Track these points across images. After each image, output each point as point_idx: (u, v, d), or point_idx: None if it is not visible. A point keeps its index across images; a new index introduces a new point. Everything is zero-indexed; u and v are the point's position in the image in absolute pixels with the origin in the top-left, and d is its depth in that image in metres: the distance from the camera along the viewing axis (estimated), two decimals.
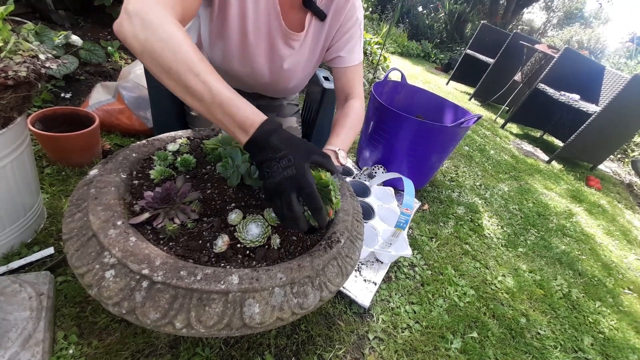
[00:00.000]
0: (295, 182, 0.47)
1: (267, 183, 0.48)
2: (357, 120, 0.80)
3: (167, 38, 0.46)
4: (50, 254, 0.82)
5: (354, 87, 0.83)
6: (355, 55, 0.81)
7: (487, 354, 0.97)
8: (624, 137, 2.96)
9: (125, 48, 1.91)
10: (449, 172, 2.02)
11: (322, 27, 0.77)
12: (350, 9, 0.75)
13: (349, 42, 0.79)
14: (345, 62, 0.80)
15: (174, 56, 0.46)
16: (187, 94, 0.48)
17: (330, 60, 0.82)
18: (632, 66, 4.49)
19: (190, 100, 0.49)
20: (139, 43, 0.46)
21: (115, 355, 0.69)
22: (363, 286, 1.02)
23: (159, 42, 0.45)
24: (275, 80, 0.84)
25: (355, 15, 0.77)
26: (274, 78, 0.83)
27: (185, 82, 0.47)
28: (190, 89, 0.47)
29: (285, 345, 0.82)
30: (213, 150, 0.72)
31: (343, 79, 0.83)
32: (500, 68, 3.62)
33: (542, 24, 11.29)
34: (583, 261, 1.60)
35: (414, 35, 7.31)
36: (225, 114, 0.49)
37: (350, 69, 0.81)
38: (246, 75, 0.81)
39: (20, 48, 0.70)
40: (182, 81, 0.47)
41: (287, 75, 0.83)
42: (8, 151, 0.70)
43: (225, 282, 0.45)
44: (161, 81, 0.49)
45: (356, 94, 0.83)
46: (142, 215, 0.53)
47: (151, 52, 0.46)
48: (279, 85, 0.87)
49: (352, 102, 0.82)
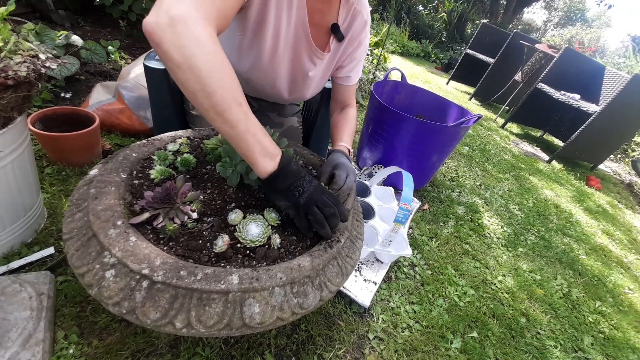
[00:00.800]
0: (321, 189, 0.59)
1: (303, 199, 0.56)
2: (355, 125, 0.93)
3: (217, 62, 0.45)
4: (50, 253, 0.82)
5: (351, 98, 0.95)
6: (358, 75, 0.93)
7: (487, 354, 0.97)
8: (624, 137, 2.96)
9: (126, 48, 1.92)
10: (449, 172, 2.02)
11: (339, 48, 0.85)
12: (363, 37, 0.85)
13: (357, 65, 0.90)
14: (351, 81, 0.91)
15: (222, 83, 0.45)
16: (221, 117, 0.48)
17: (339, 78, 0.91)
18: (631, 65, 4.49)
19: (221, 122, 0.48)
20: (181, 55, 0.43)
21: (115, 355, 0.69)
22: (363, 286, 1.02)
23: (209, 63, 0.44)
24: (291, 91, 0.91)
25: (365, 43, 0.87)
26: (290, 89, 0.90)
27: (226, 108, 0.47)
28: (229, 115, 0.47)
29: (285, 345, 0.82)
30: (213, 150, 0.72)
31: (346, 93, 0.93)
32: (501, 68, 3.61)
33: (542, 23, 11.28)
34: (583, 261, 1.60)
35: (414, 35, 7.31)
36: (257, 142, 0.52)
37: (353, 86, 0.93)
38: (267, 85, 0.86)
39: (20, 48, 0.70)
40: (222, 106, 0.47)
41: (303, 88, 0.90)
42: (8, 151, 0.70)
43: (225, 282, 0.45)
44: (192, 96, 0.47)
45: (352, 104, 0.96)
46: (142, 215, 0.53)
47: (196, 70, 0.44)
48: (293, 95, 0.93)
49: (350, 110, 0.94)
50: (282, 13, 0.69)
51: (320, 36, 0.79)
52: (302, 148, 0.91)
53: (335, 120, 0.93)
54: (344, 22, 0.79)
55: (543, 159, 2.87)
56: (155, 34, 0.44)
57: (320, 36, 0.79)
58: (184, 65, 0.44)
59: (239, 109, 0.48)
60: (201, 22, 0.45)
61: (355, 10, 0.79)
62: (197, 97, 0.47)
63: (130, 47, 2.00)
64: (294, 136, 1.13)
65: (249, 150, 0.52)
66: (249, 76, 0.84)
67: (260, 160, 0.53)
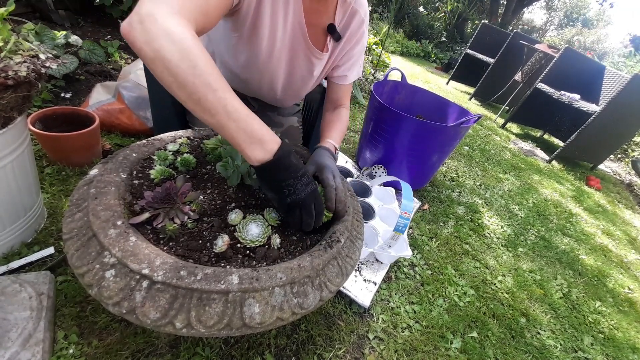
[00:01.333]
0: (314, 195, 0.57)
1: (290, 199, 0.54)
2: (346, 126, 0.90)
3: (185, 49, 0.44)
4: (50, 253, 0.82)
5: (345, 97, 0.93)
6: (355, 74, 0.90)
7: (487, 354, 0.97)
8: (624, 137, 2.96)
9: (126, 48, 1.91)
10: (449, 172, 2.02)
11: (336, 47, 0.84)
12: (361, 36, 0.84)
13: (354, 64, 0.89)
14: (347, 80, 0.89)
15: (192, 70, 0.45)
16: (199, 105, 0.47)
17: (335, 77, 0.90)
18: (631, 65, 4.49)
19: (201, 112, 0.48)
20: (151, 50, 0.44)
21: (115, 355, 0.69)
22: (363, 286, 1.02)
23: (176, 52, 0.44)
24: (285, 90, 0.90)
25: (362, 42, 0.86)
26: (285, 89, 0.89)
27: (201, 96, 0.46)
28: (206, 102, 0.46)
29: (285, 345, 0.82)
30: (213, 150, 0.72)
31: (340, 92, 0.91)
32: (501, 68, 3.61)
33: (542, 24, 11.28)
34: (583, 261, 1.60)
35: (414, 35, 7.31)
36: (240, 129, 0.49)
37: (348, 85, 0.91)
38: (264, 85, 0.86)
39: (20, 48, 0.70)
40: (197, 94, 0.46)
41: (299, 88, 0.90)
42: (8, 151, 0.70)
43: (225, 282, 0.45)
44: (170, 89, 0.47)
45: (346, 105, 0.93)
46: (142, 215, 0.53)
47: (165, 61, 0.44)
48: (288, 95, 0.93)
49: (342, 110, 0.91)
50: (278, 14, 0.69)
51: (318, 36, 0.79)
52: (302, 148, 0.91)
53: (327, 119, 0.91)
54: (341, 21, 0.79)
55: (543, 159, 2.87)
56: (129, 33, 0.45)
57: (317, 36, 0.78)
58: (156, 60, 0.44)
59: (214, 94, 0.46)
60: (171, 16, 0.45)
61: (353, 9, 0.79)
62: (174, 90, 0.46)
63: (130, 47, 2.00)
64: (294, 136, 1.13)
65: (233, 138, 0.50)
66: (246, 77, 0.83)
67: (246, 148, 0.51)
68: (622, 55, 7.08)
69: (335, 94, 0.92)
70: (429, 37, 7.34)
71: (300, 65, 0.82)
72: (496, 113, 3.72)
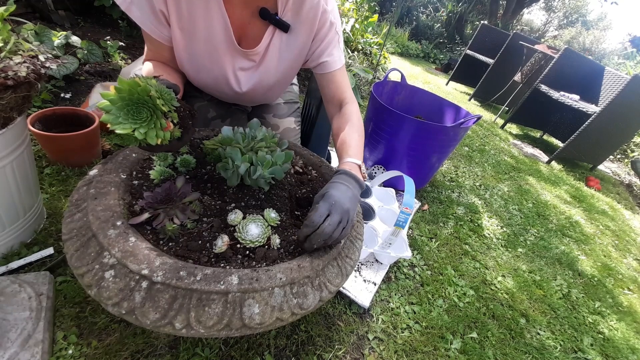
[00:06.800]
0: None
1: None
2: (360, 125, 0.78)
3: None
4: (49, 254, 0.82)
5: (345, 91, 0.82)
6: (336, 57, 0.80)
7: (487, 354, 0.97)
8: (623, 138, 2.96)
9: (125, 48, 1.92)
10: (449, 173, 2.02)
11: (291, 38, 0.75)
12: (321, 17, 0.74)
13: (327, 47, 0.78)
14: (329, 67, 0.79)
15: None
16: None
17: (316, 67, 0.81)
18: (631, 66, 4.50)
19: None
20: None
21: (114, 355, 0.68)
22: (363, 286, 1.02)
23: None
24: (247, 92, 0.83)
25: (329, 21, 0.75)
26: (246, 90, 0.82)
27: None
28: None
29: (285, 345, 0.82)
30: (213, 150, 0.72)
31: (332, 85, 0.81)
32: (500, 68, 3.62)
33: (542, 24, 11.29)
34: (583, 261, 1.60)
35: (414, 35, 7.32)
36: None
37: (337, 72, 0.80)
38: (222, 87, 0.82)
39: (20, 48, 0.70)
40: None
41: (256, 87, 0.82)
42: (8, 151, 0.70)
43: (225, 283, 0.45)
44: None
45: (349, 99, 0.82)
46: (142, 216, 0.53)
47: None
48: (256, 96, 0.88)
49: (348, 107, 0.80)
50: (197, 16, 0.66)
51: (256, 30, 0.72)
52: (302, 148, 0.91)
53: (335, 127, 0.79)
54: (285, 3, 0.69)
55: (542, 159, 2.87)
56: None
57: (255, 30, 0.72)
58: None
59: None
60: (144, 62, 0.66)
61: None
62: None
63: (130, 48, 2.00)
64: (290, 138, 1.11)
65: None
66: (203, 83, 0.82)
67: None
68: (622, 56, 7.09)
69: (329, 88, 0.81)
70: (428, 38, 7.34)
71: (243, 64, 0.76)
72: (496, 114, 3.72)
